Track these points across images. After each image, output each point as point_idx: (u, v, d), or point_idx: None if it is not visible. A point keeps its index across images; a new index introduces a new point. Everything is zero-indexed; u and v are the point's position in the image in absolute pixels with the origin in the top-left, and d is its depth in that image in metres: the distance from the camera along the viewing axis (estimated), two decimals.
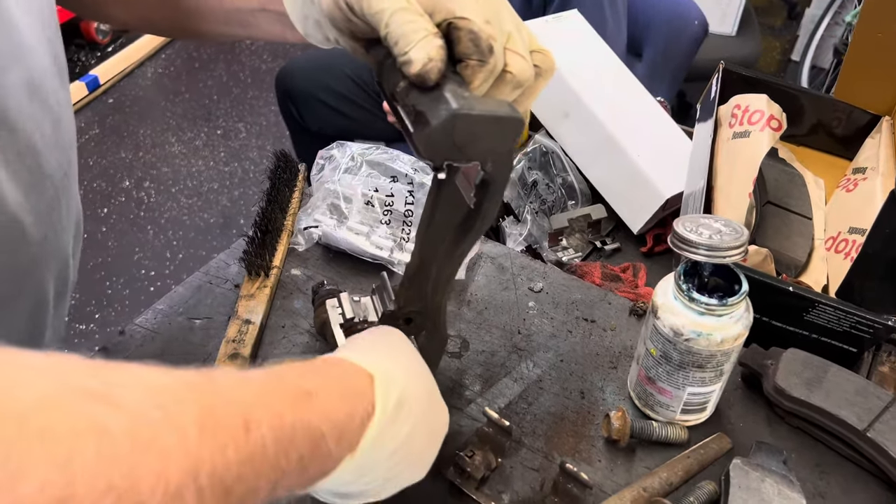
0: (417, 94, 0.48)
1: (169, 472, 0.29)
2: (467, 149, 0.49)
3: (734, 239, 0.63)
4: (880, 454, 0.67)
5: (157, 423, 0.30)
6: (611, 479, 0.68)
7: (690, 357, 0.65)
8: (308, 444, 0.38)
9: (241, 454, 0.33)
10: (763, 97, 0.93)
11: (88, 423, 0.28)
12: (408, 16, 0.46)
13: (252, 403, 0.36)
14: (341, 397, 0.42)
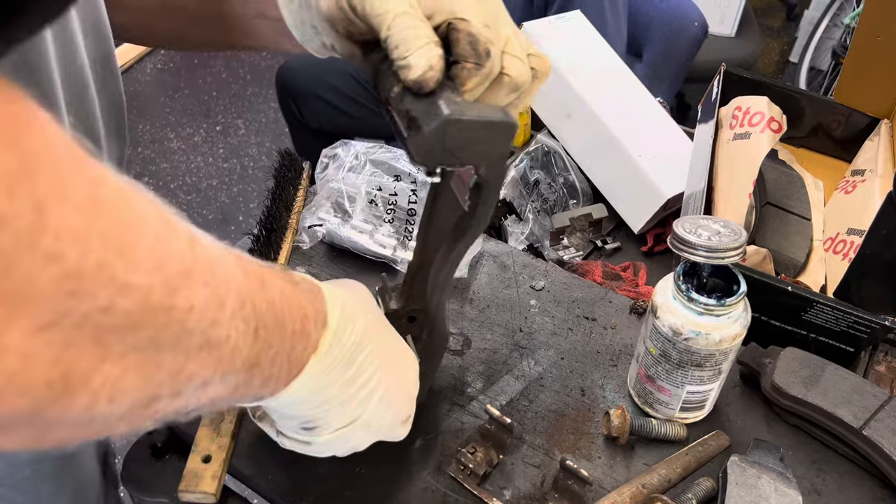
0: (412, 100, 0.48)
1: (228, 291, 0.35)
2: (460, 153, 0.49)
3: (732, 240, 0.64)
4: (876, 452, 0.68)
5: (219, 250, 0.36)
6: (610, 476, 0.69)
7: (689, 356, 0.66)
8: (299, 317, 0.43)
9: (259, 304, 0.38)
10: (764, 99, 0.94)
11: (165, 223, 0.33)
12: (410, 21, 0.46)
13: (259, 269, 0.40)
14: (310, 294, 0.46)
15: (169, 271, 0.32)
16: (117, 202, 0.30)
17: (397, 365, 0.56)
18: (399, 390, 0.56)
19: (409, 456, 0.68)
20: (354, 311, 0.50)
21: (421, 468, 0.67)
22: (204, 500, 0.61)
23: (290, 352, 0.43)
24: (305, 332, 0.44)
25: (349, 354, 0.49)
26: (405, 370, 0.58)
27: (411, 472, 0.67)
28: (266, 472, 0.66)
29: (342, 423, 0.52)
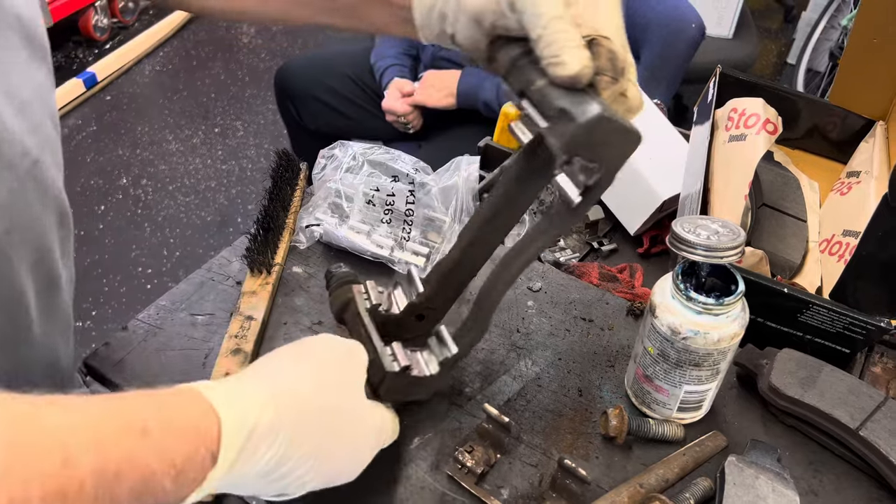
0: (560, 94, 0.53)
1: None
2: (597, 150, 0.53)
3: (731, 240, 0.65)
4: (872, 452, 0.69)
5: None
6: (608, 476, 0.69)
7: (687, 355, 0.67)
8: (138, 480, 0.39)
9: (48, 490, 0.34)
10: (759, 101, 0.94)
11: None
12: (563, 24, 0.52)
13: (77, 440, 0.36)
14: (181, 437, 0.43)
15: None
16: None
17: (342, 450, 0.56)
18: (343, 469, 0.57)
19: (407, 455, 0.68)
20: (277, 424, 0.49)
21: (419, 467, 0.67)
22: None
23: (145, 499, 0.41)
24: (153, 490, 0.41)
25: (266, 470, 0.49)
26: (353, 451, 0.58)
27: (409, 471, 0.67)
28: None
29: (276, 497, 0.54)
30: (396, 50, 1.93)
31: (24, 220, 0.58)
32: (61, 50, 3.28)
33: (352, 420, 0.57)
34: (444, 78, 1.79)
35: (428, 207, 0.89)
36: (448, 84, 1.78)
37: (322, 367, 0.56)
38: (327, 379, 0.56)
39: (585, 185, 0.56)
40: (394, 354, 0.63)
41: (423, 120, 1.90)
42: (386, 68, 1.91)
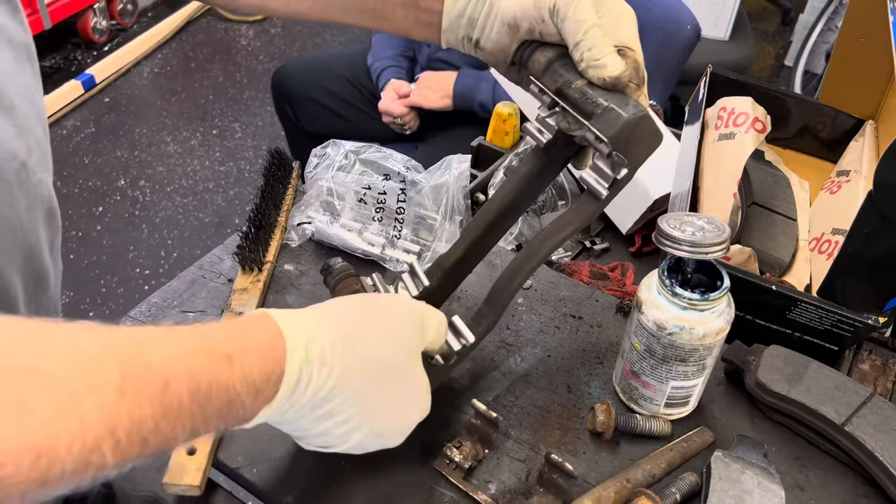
0: (601, 92, 0.60)
1: (86, 431, 0.36)
2: (631, 146, 0.59)
3: (716, 236, 0.65)
4: (858, 448, 0.69)
5: (78, 389, 0.37)
6: (595, 471, 0.69)
7: (673, 351, 0.67)
8: (225, 400, 0.44)
9: (157, 410, 0.40)
10: (748, 100, 0.95)
11: (12, 397, 0.35)
12: (601, 31, 0.59)
13: (173, 366, 0.42)
14: (259, 361, 0.47)
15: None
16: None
17: (389, 406, 0.57)
18: (389, 427, 0.58)
19: (395, 450, 0.69)
20: (331, 359, 0.51)
21: (407, 462, 0.68)
22: (188, 493, 0.61)
23: (219, 422, 0.46)
24: (235, 409, 0.46)
25: (314, 402, 0.51)
26: (400, 409, 0.58)
27: (397, 466, 0.67)
28: (251, 465, 0.66)
29: (322, 445, 0.56)
30: (393, 52, 1.94)
31: (11, 221, 0.58)
32: (60, 52, 3.29)
33: (403, 379, 0.58)
34: (441, 79, 1.80)
35: (419, 206, 0.90)
36: (444, 85, 1.79)
37: (387, 320, 0.58)
38: (389, 332, 0.57)
39: (614, 178, 0.61)
40: None
41: (419, 121, 1.90)
42: (382, 70, 1.91)
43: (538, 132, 0.68)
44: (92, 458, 0.37)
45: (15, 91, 0.58)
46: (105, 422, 0.37)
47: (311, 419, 0.52)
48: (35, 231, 0.62)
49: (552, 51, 0.63)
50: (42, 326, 0.39)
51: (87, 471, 0.37)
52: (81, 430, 0.36)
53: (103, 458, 0.38)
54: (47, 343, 0.38)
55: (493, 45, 0.66)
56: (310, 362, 0.50)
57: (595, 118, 0.59)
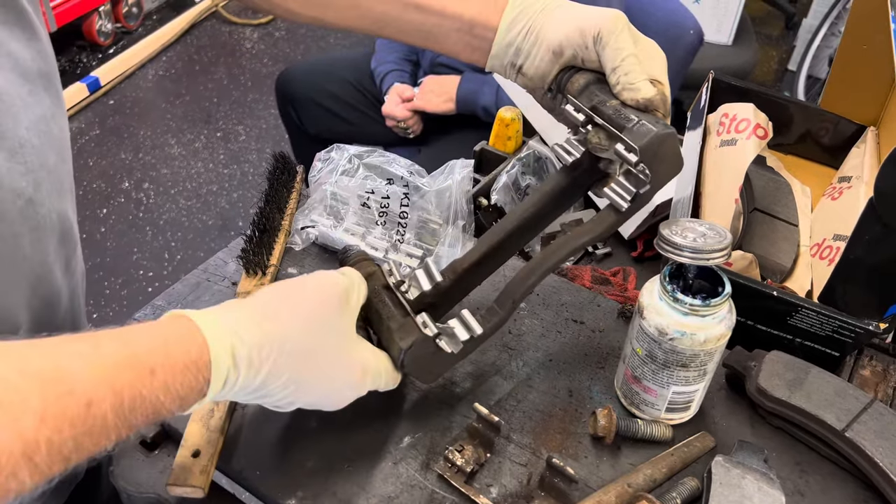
0: (633, 111, 0.66)
1: (3, 461, 0.38)
2: (655, 163, 0.64)
3: (717, 242, 0.66)
4: (858, 454, 0.69)
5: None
6: (596, 475, 0.69)
7: (675, 356, 0.67)
8: (149, 410, 0.47)
9: (79, 430, 0.42)
10: (750, 106, 0.95)
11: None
12: (636, 60, 0.66)
13: (96, 385, 0.44)
14: (182, 373, 0.49)
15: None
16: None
17: (320, 385, 0.60)
18: (322, 401, 0.62)
19: (397, 453, 0.69)
20: (257, 362, 0.54)
21: (409, 465, 0.68)
22: (192, 495, 0.62)
23: (146, 425, 0.48)
24: (161, 415, 0.49)
25: (245, 392, 0.55)
26: (331, 387, 0.61)
27: (399, 469, 0.68)
28: (254, 467, 0.67)
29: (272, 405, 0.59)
30: (396, 55, 1.94)
31: (14, 256, 0.59)
32: (65, 55, 3.30)
33: (332, 359, 0.60)
34: (444, 83, 1.80)
35: (422, 210, 0.90)
36: (447, 89, 1.79)
37: (309, 305, 0.60)
38: (312, 316, 0.59)
39: (636, 192, 0.65)
40: (425, 322, 0.66)
41: (422, 125, 1.91)
42: (386, 74, 1.92)
43: (565, 152, 0.70)
44: (10, 485, 0.39)
45: (26, 127, 0.58)
46: (23, 450, 0.39)
47: (246, 399, 0.57)
48: (44, 260, 0.63)
49: (589, 75, 0.69)
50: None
51: (7, 495, 0.39)
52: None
53: (22, 484, 0.40)
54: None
55: (535, 71, 0.71)
56: (236, 368, 0.53)
57: (627, 130, 0.64)
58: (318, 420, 0.71)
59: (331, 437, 0.70)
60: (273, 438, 0.69)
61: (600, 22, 0.67)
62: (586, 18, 0.68)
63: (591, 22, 0.67)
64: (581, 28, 0.68)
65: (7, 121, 0.56)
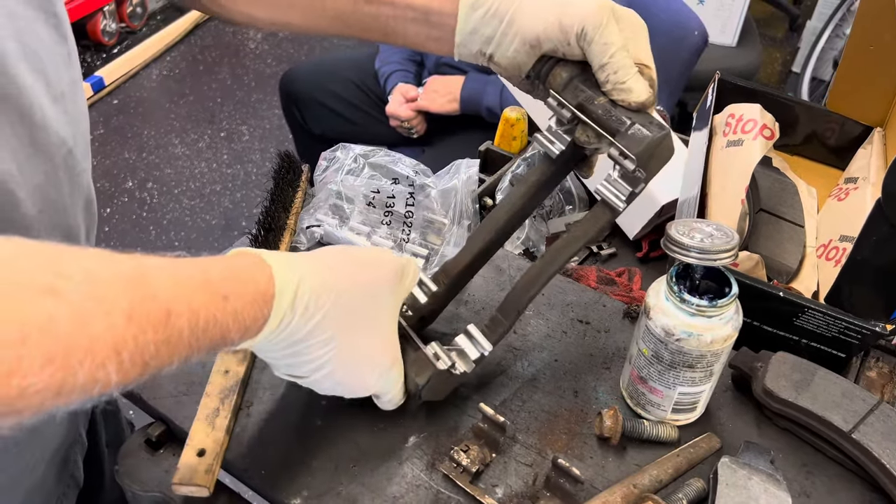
0: (624, 111, 0.63)
1: (95, 349, 0.40)
2: (650, 162, 0.62)
3: (725, 242, 0.65)
4: (865, 455, 0.69)
5: (92, 311, 0.41)
6: (602, 476, 0.69)
7: (681, 357, 0.67)
8: (217, 334, 0.49)
9: (159, 337, 0.44)
10: (756, 107, 0.95)
11: (37, 313, 0.38)
12: (625, 53, 0.62)
13: (176, 299, 0.46)
14: (250, 304, 0.52)
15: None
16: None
17: (352, 356, 0.61)
18: (345, 377, 0.62)
19: (402, 453, 0.69)
20: (312, 307, 0.56)
21: (414, 465, 0.68)
22: (198, 494, 0.61)
23: (209, 352, 0.50)
24: (225, 342, 0.51)
25: (289, 342, 0.57)
26: (360, 366, 0.62)
27: (405, 469, 0.68)
28: (260, 466, 0.67)
29: (286, 373, 0.61)
30: (401, 56, 1.94)
31: (56, 203, 0.62)
32: None
33: (373, 336, 0.62)
34: (448, 83, 1.81)
35: (427, 210, 0.90)
36: (452, 89, 1.79)
37: (368, 270, 0.62)
38: (369, 281, 0.61)
39: (632, 192, 0.64)
40: (437, 354, 0.67)
41: (426, 125, 1.91)
42: (390, 74, 1.92)
43: (549, 143, 0.69)
44: (99, 375, 0.41)
45: (66, 84, 0.61)
46: (113, 343, 0.41)
47: (283, 353, 0.58)
48: (76, 216, 0.66)
49: (572, 67, 0.65)
50: (60, 250, 0.43)
51: (94, 387, 0.41)
52: (92, 348, 0.40)
53: (108, 376, 0.41)
54: (65, 266, 0.42)
55: (509, 61, 0.67)
56: (293, 309, 0.55)
57: (620, 135, 0.62)
58: (324, 419, 0.71)
59: (336, 436, 0.70)
60: (278, 438, 0.69)
61: (583, 16, 0.62)
62: (567, 12, 0.62)
63: (573, 16, 0.62)
64: (562, 23, 0.62)
65: (52, 71, 0.59)
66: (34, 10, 0.58)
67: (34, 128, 0.57)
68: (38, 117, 0.57)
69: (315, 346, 0.58)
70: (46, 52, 0.59)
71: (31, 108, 0.56)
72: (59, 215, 0.63)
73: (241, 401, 0.71)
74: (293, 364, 0.59)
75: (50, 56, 0.59)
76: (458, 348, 0.68)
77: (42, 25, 0.59)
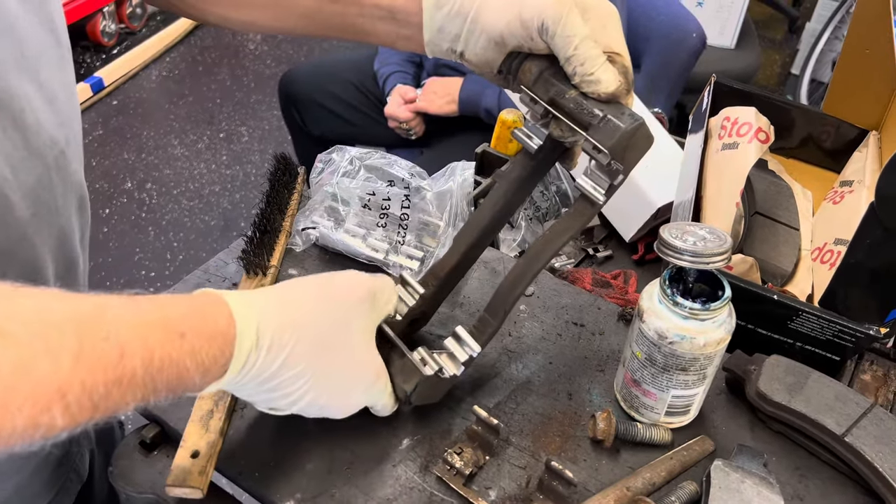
0: (596, 103, 0.61)
1: (38, 392, 0.39)
2: (628, 153, 0.61)
3: (718, 246, 0.66)
4: (858, 459, 0.69)
5: (36, 352, 0.40)
6: (595, 479, 0.69)
7: (674, 360, 0.67)
8: (174, 374, 0.48)
9: (110, 377, 0.43)
10: (752, 110, 0.95)
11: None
12: (591, 44, 0.60)
13: (130, 337, 0.45)
14: (209, 342, 0.50)
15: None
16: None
17: (331, 383, 0.60)
18: (330, 402, 0.62)
19: (396, 455, 0.69)
20: (278, 345, 0.55)
21: (408, 468, 0.68)
22: (191, 496, 0.62)
23: (169, 392, 0.49)
24: (185, 383, 0.49)
25: (260, 380, 0.55)
26: (342, 387, 0.62)
27: (398, 472, 0.68)
28: (253, 469, 0.67)
29: (267, 408, 0.60)
30: (399, 57, 1.95)
31: (48, 204, 0.62)
32: None
33: (349, 354, 0.61)
34: (447, 85, 1.81)
35: (423, 212, 0.90)
36: (450, 91, 1.80)
37: (334, 298, 0.61)
38: (336, 309, 0.60)
39: (611, 184, 0.63)
40: (423, 359, 0.66)
41: (425, 126, 1.91)
42: (389, 75, 1.92)
43: (528, 138, 0.69)
44: (41, 419, 0.40)
45: (59, 85, 0.62)
46: (57, 386, 0.40)
47: (258, 391, 0.57)
48: (69, 217, 0.66)
49: (542, 61, 0.63)
50: (11, 291, 0.42)
51: (36, 431, 0.40)
52: (34, 391, 0.39)
53: (53, 420, 0.40)
54: (14, 306, 0.41)
55: (479, 58, 0.66)
56: (258, 348, 0.54)
57: (593, 129, 0.61)
58: (317, 422, 0.71)
59: (330, 439, 0.70)
60: (272, 440, 0.69)
61: (542, 9, 0.60)
62: (527, 6, 0.61)
63: (532, 10, 0.60)
64: (522, 18, 0.61)
65: (46, 72, 0.59)
66: (29, 12, 0.58)
67: (27, 131, 0.57)
68: (31, 121, 0.57)
69: (288, 381, 0.57)
70: (40, 54, 0.59)
71: (23, 111, 0.56)
72: (52, 217, 0.63)
73: (235, 403, 0.71)
74: (271, 398, 0.59)
75: (44, 58, 0.59)
76: (448, 351, 0.68)
77: (37, 28, 0.59)
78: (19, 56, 0.56)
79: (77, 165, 0.66)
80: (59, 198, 0.63)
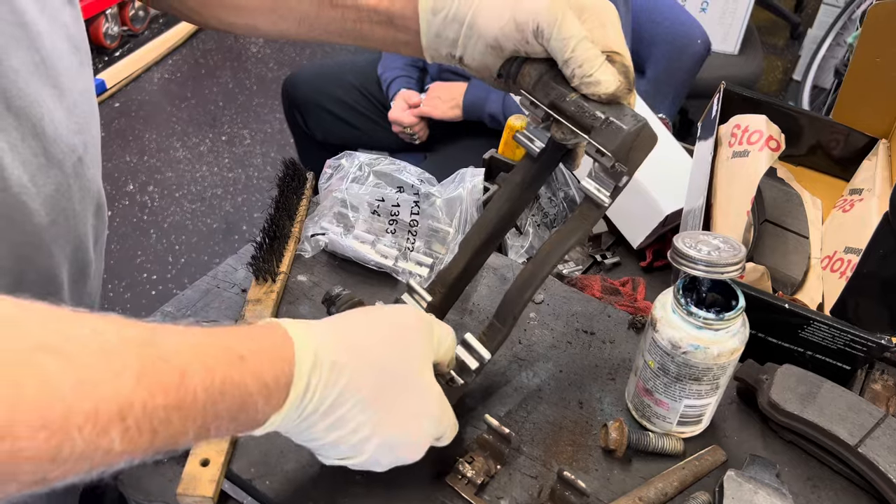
0: (597, 105, 0.60)
1: (98, 413, 0.37)
2: (632, 154, 0.60)
3: (732, 255, 0.65)
4: (871, 469, 0.69)
5: (97, 372, 0.38)
6: (607, 488, 0.69)
7: (687, 370, 0.67)
8: (237, 399, 0.45)
9: (170, 401, 0.41)
10: (762, 118, 0.95)
11: (36, 373, 0.36)
12: (589, 45, 0.59)
13: (189, 359, 0.43)
14: (270, 362, 0.48)
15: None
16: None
17: (399, 414, 0.56)
18: (401, 436, 0.57)
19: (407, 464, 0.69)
20: (340, 365, 0.52)
21: (419, 476, 0.68)
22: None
23: (231, 422, 0.46)
24: (248, 408, 0.47)
25: (324, 409, 0.52)
26: (410, 417, 0.57)
27: (409, 480, 0.67)
28: (263, 477, 0.66)
29: (339, 457, 0.56)
30: (403, 61, 1.94)
31: (66, 211, 0.62)
32: None
33: (413, 387, 0.57)
34: (451, 90, 1.81)
35: (432, 218, 0.90)
36: (454, 96, 1.79)
37: (397, 330, 0.58)
38: (398, 341, 0.57)
39: (615, 185, 0.62)
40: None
41: (428, 131, 1.91)
42: (393, 79, 1.92)
43: (530, 141, 0.68)
44: (101, 442, 0.38)
45: (77, 92, 0.62)
46: (118, 406, 0.38)
47: (323, 428, 0.53)
48: (85, 223, 0.67)
49: (541, 64, 0.63)
50: (67, 314, 0.41)
51: (95, 454, 0.38)
52: (94, 410, 0.38)
53: (111, 444, 0.39)
54: (72, 327, 0.40)
55: (478, 63, 0.65)
56: (319, 367, 0.51)
57: (595, 131, 0.60)
58: None
59: None
60: (282, 448, 0.69)
61: (536, 12, 0.59)
62: (520, 9, 0.60)
63: (527, 13, 0.60)
64: (517, 22, 0.60)
65: (65, 80, 0.59)
66: (48, 18, 0.58)
67: (46, 139, 0.57)
68: (50, 129, 0.57)
69: (353, 410, 0.53)
70: (60, 62, 0.59)
71: (42, 119, 0.56)
72: (70, 223, 0.63)
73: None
74: (338, 440, 0.54)
75: (63, 65, 0.59)
76: (459, 360, 0.68)
77: (56, 34, 0.59)
78: (39, 62, 0.56)
79: (95, 171, 0.66)
80: (77, 204, 0.63)
